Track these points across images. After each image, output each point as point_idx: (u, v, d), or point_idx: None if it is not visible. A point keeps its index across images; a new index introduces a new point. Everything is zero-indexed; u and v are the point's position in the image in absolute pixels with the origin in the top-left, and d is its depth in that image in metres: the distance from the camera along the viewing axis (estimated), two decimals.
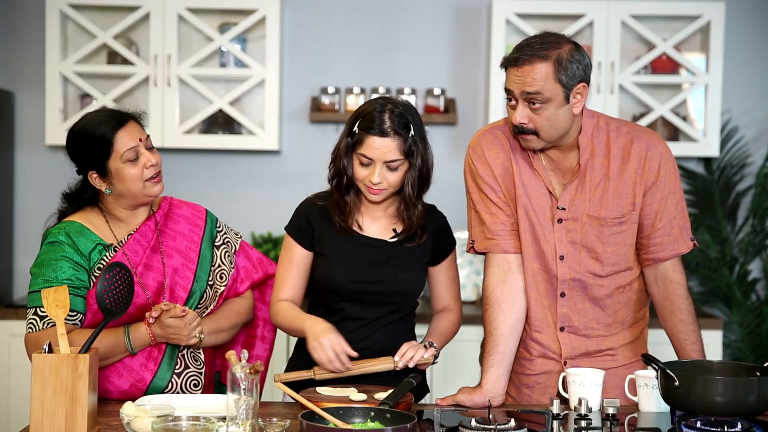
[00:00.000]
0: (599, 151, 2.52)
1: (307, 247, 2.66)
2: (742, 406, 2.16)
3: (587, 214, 2.52)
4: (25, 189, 4.67)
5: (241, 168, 4.70)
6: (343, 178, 2.60)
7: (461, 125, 4.66)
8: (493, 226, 2.57)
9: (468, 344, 3.66)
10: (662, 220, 2.53)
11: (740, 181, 4.69)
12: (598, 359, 2.57)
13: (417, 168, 2.59)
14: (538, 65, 2.39)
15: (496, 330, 2.54)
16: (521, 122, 2.43)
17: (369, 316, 2.63)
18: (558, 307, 2.57)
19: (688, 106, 4.62)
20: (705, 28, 4.47)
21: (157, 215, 2.63)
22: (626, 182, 2.51)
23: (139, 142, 2.50)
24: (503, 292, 2.55)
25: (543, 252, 2.55)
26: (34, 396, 2.11)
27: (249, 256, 2.77)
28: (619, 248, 2.54)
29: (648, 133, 2.56)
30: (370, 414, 2.15)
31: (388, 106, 2.56)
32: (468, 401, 2.47)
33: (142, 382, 2.52)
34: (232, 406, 2.03)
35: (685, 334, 2.54)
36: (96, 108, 4.32)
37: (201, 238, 2.66)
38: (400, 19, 4.69)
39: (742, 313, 4.55)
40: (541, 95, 2.39)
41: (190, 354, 2.59)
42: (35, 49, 4.59)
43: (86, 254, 2.50)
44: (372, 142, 2.54)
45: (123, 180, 2.49)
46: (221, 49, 4.52)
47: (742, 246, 4.62)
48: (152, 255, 2.57)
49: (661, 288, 2.56)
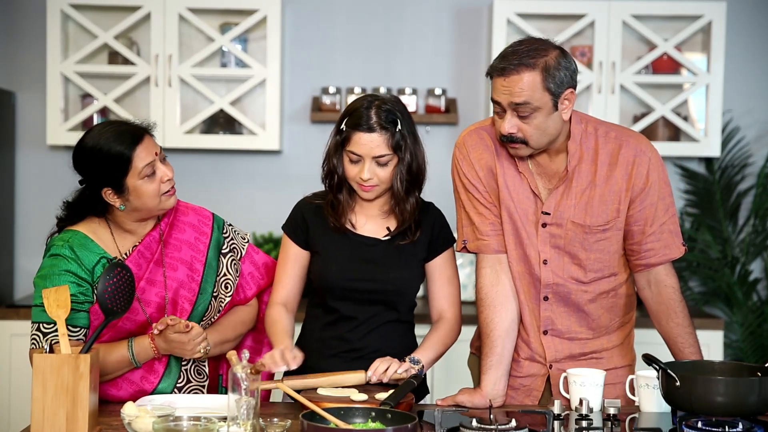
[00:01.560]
0: (587, 156, 2.49)
1: (302, 245, 2.66)
2: (744, 407, 2.16)
3: (572, 220, 2.50)
4: (25, 189, 4.67)
5: (242, 168, 4.70)
6: (334, 177, 2.61)
7: (462, 125, 4.65)
8: (483, 226, 2.56)
9: (465, 345, 3.65)
10: (653, 225, 2.51)
11: (741, 181, 4.68)
12: (583, 362, 2.57)
13: (406, 163, 2.58)
14: (525, 74, 2.34)
15: (493, 331, 2.53)
16: (510, 132, 2.41)
17: (363, 315, 2.63)
18: (541, 311, 2.56)
19: (689, 106, 4.62)
20: (706, 28, 4.46)
21: (162, 224, 2.58)
22: (612, 189, 2.49)
23: (156, 156, 2.45)
24: (497, 293, 2.55)
25: (527, 255, 2.54)
26: (35, 396, 2.11)
27: (255, 261, 2.74)
28: (602, 255, 2.53)
29: (637, 139, 2.52)
30: (371, 414, 2.14)
31: (375, 102, 2.57)
32: (468, 402, 2.47)
33: (142, 394, 2.49)
34: (233, 406, 2.02)
35: (683, 337, 2.53)
36: (97, 108, 4.40)
37: (207, 246, 2.62)
38: (400, 19, 4.69)
39: (743, 314, 4.55)
40: (529, 105, 2.36)
41: (193, 368, 2.57)
42: (36, 49, 4.58)
43: (89, 268, 2.45)
44: (359, 138, 2.54)
45: (140, 196, 2.44)
46: (222, 49, 4.52)
47: (743, 246, 4.61)
48: (155, 269, 2.53)
49: (655, 292, 2.55)
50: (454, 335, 2.69)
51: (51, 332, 2.40)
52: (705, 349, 2.63)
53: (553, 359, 2.57)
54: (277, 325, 2.61)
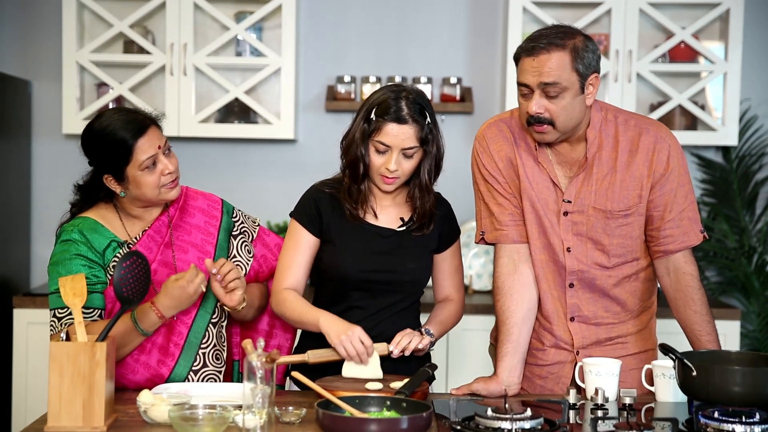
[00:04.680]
0: (607, 144, 2.51)
1: (315, 233, 2.65)
2: (761, 397, 2.14)
3: (593, 206, 2.51)
4: (41, 178, 4.69)
5: (257, 157, 4.70)
6: (359, 167, 2.59)
7: (477, 114, 4.64)
8: (502, 216, 2.57)
9: (478, 333, 3.66)
10: (672, 212, 2.52)
11: (759, 171, 4.65)
12: (609, 348, 2.58)
13: (432, 155, 2.60)
14: (555, 54, 2.37)
15: (509, 319, 2.54)
16: (537, 112, 2.41)
17: (377, 305, 2.63)
18: (567, 298, 2.57)
19: (706, 95, 4.59)
20: (724, 16, 4.43)
21: (171, 210, 2.61)
22: (633, 174, 2.50)
23: (158, 149, 2.46)
24: (515, 281, 2.56)
25: (551, 244, 2.55)
26: (52, 384, 2.12)
27: (267, 243, 2.75)
28: (625, 240, 2.54)
29: (656, 126, 2.54)
30: (386, 403, 2.15)
31: (403, 93, 2.56)
32: (484, 390, 2.47)
33: (159, 377, 2.51)
34: (249, 395, 2.03)
35: (700, 325, 2.53)
36: (112, 97, 4.41)
37: (218, 229, 2.64)
38: (416, 7, 4.67)
39: (760, 303, 4.52)
40: (558, 85, 2.38)
41: (212, 353, 2.56)
42: (52, 38, 4.60)
43: (100, 251, 2.48)
44: (390, 129, 2.53)
45: (139, 186, 2.47)
46: (237, 38, 4.52)
47: (760, 236, 4.59)
48: (166, 251, 2.56)
49: (674, 280, 2.55)
50: (458, 316, 2.75)
51: (65, 317, 2.42)
52: (722, 339, 2.63)
53: (580, 345, 2.58)
54: (300, 301, 2.59)
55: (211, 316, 2.57)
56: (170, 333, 2.52)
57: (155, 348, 2.51)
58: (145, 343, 2.50)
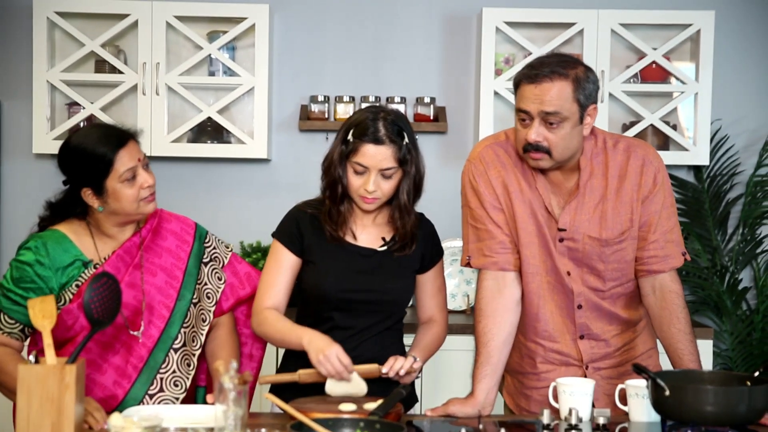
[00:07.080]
0: (598, 171, 2.54)
1: (296, 253, 2.64)
2: (733, 416, 2.15)
3: (587, 235, 2.54)
4: (11, 197, 4.64)
5: (230, 177, 4.68)
6: (337, 188, 2.59)
7: (451, 134, 4.65)
8: (492, 243, 2.57)
9: (457, 354, 3.65)
10: (656, 233, 2.54)
11: (730, 190, 4.69)
12: (617, 357, 2.63)
13: (411, 176, 2.60)
14: (558, 83, 2.37)
15: (491, 341, 2.54)
16: (536, 140, 2.41)
17: (359, 325, 2.62)
18: (576, 318, 2.60)
19: (678, 115, 4.62)
20: (695, 36, 4.47)
21: (144, 231, 2.59)
22: (623, 200, 2.53)
23: (138, 162, 2.47)
24: (499, 304, 2.56)
25: (556, 267, 2.57)
26: (20, 407, 2.09)
27: (236, 271, 2.74)
28: (620, 264, 2.57)
29: (644, 148, 2.57)
30: (359, 424, 2.13)
31: (381, 114, 2.57)
32: (460, 412, 2.46)
33: (113, 399, 2.48)
34: (221, 417, 2.00)
35: (683, 343, 2.54)
36: (83, 116, 4.37)
37: (188, 254, 2.63)
38: (389, 27, 4.68)
39: (732, 323, 4.55)
40: (559, 114, 2.38)
41: (171, 379, 2.54)
42: (22, 57, 4.56)
43: (61, 267, 2.46)
44: (367, 150, 2.53)
45: (119, 199, 2.46)
46: (210, 57, 4.50)
47: (732, 255, 4.61)
48: (134, 272, 2.54)
49: (659, 298, 2.57)
50: (442, 339, 2.74)
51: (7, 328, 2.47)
52: None
53: (589, 360, 2.61)
54: (282, 320, 2.58)
55: (173, 341, 2.55)
56: (129, 354, 2.49)
57: (111, 368, 2.48)
58: (101, 363, 2.47)
